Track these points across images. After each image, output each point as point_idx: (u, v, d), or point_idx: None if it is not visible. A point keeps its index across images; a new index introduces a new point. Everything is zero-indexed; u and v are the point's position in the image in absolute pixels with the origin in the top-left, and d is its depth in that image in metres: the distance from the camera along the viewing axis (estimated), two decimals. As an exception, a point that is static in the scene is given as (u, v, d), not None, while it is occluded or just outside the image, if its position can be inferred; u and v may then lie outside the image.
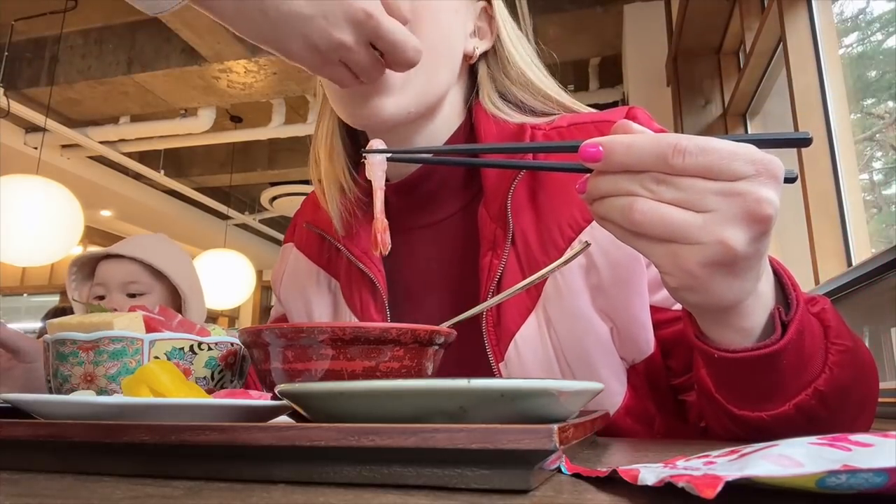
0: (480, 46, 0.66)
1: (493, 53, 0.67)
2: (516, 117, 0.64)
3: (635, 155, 0.36)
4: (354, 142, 0.70)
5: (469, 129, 0.66)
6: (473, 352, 0.58)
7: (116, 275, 1.33)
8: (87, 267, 1.40)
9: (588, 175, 0.40)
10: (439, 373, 0.51)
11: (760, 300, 0.42)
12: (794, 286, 0.44)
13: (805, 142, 0.40)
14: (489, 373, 0.58)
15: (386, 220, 0.52)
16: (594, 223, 0.55)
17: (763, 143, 0.38)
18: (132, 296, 1.33)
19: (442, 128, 0.65)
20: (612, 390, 0.56)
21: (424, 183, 0.65)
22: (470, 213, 0.64)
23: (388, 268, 0.65)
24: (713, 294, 0.39)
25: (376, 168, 0.52)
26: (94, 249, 1.40)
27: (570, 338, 0.56)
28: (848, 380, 0.45)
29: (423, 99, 0.60)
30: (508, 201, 0.59)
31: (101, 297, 1.34)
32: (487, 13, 0.67)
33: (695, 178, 0.36)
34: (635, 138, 0.37)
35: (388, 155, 0.52)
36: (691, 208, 0.36)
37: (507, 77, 0.65)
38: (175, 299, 1.39)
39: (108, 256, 1.36)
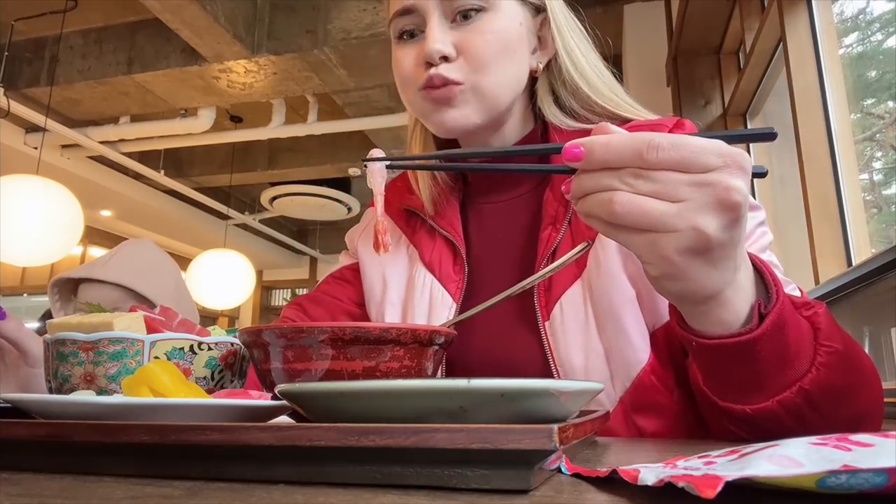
0: (543, 60, 0.71)
1: (552, 63, 0.72)
2: (573, 124, 0.70)
3: (613, 152, 0.39)
4: (447, 143, 0.77)
5: (540, 132, 0.74)
6: (523, 310, 0.66)
7: (99, 300, 1.28)
8: (67, 287, 1.35)
9: (572, 176, 0.43)
10: (488, 324, 0.58)
11: (740, 292, 0.44)
12: (775, 282, 0.46)
13: (770, 136, 0.42)
14: (535, 329, 0.64)
15: (387, 222, 0.56)
16: None
17: (732, 138, 0.41)
18: None
19: (510, 134, 0.72)
20: (638, 347, 0.61)
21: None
22: (537, 195, 0.71)
23: (464, 237, 0.74)
24: (692, 281, 0.42)
25: (376, 175, 0.55)
26: (75, 271, 1.33)
27: (604, 299, 0.62)
28: (839, 382, 0.46)
29: (488, 113, 0.67)
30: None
31: None
32: (547, 23, 0.71)
33: (669, 172, 0.39)
34: (612, 137, 0.40)
35: (388, 163, 0.55)
36: (666, 199, 0.39)
37: (563, 87, 0.71)
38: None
39: (89, 280, 1.30)
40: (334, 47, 3.21)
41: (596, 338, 0.62)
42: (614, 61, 3.52)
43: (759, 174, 0.41)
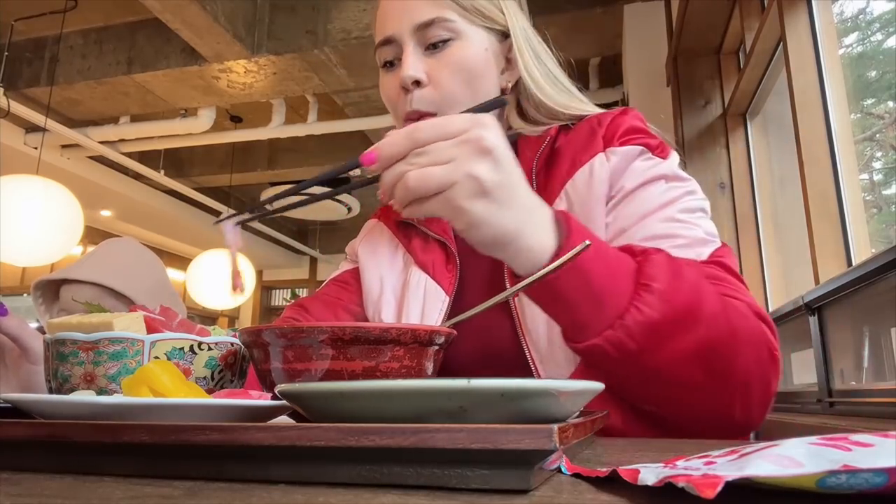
0: (512, 80, 0.79)
1: (518, 82, 0.79)
2: (536, 130, 0.78)
3: (394, 144, 0.50)
4: None
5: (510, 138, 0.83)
6: (494, 285, 0.73)
7: (78, 299, 1.28)
8: (50, 290, 1.35)
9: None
10: (473, 301, 0.63)
11: (538, 234, 0.52)
12: (569, 227, 0.53)
13: (501, 102, 0.56)
14: (504, 304, 0.69)
15: (240, 269, 0.65)
16: (574, 176, 0.71)
17: (476, 109, 0.53)
18: None
19: None
20: None
21: None
22: None
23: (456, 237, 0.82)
24: (490, 224, 0.50)
25: (228, 234, 0.61)
26: (54, 273, 1.33)
27: None
28: (662, 321, 0.52)
29: None
30: (533, 174, 0.75)
31: None
32: (513, 47, 0.78)
33: (436, 143, 0.49)
34: (391, 134, 0.50)
35: (237, 220, 0.62)
36: (441, 163, 0.48)
37: (528, 101, 0.79)
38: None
39: (66, 281, 1.30)
40: (334, 47, 3.21)
41: None
42: (614, 61, 3.52)
43: (500, 104, 0.57)
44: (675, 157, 0.73)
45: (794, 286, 2.08)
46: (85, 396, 0.44)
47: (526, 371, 0.68)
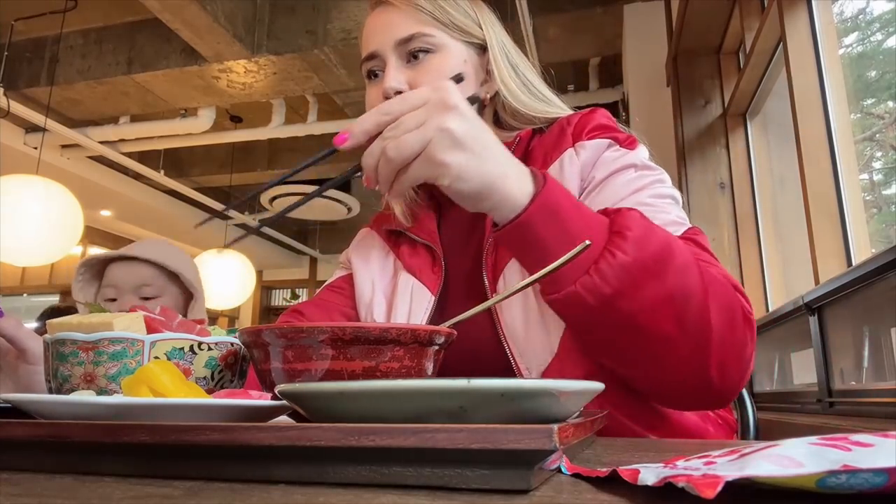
0: (491, 91, 0.82)
1: (497, 93, 0.82)
2: (509, 135, 0.82)
3: (365, 122, 0.54)
4: None
5: None
6: (475, 287, 0.76)
7: (129, 277, 1.32)
8: (94, 268, 1.37)
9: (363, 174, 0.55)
10: (452, 304, 0.71)
11: (515, 186, 0.55)
12: (545, 178, 0.56)
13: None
14: (484, 299, 0.70)
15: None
16: (546, 171, 0.72)
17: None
18: (145, 299, 1.31)
19: None
20: None
21: None
22: None
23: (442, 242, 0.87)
24: (471, 173, 0.53)
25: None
26: (103, 251, 1.37)
27: None
28: (634, 265, 0.54)
29: None
30: None
31: (112, 300, 1.31)
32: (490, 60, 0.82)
33: (407, 114, 0.53)
34: (363, 115, 0.55)
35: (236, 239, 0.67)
36: (415, 128, 0.52)
37: (504, 111, 0.82)
38: (183, 301, 1.38)
39: (119, 258, 1.34)
40: (334, 47, 3.21)
41: (532, 298, 0.71)
42: (614, 61, 3.53)
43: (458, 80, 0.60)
44: (643, 149, 0.75)
45: (793, 286, 2.08)
46: (85, 396, 0.44)
47: (504, 362, 0.70)
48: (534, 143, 0.80)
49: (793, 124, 1.69)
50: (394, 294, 0.83)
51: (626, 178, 0.71)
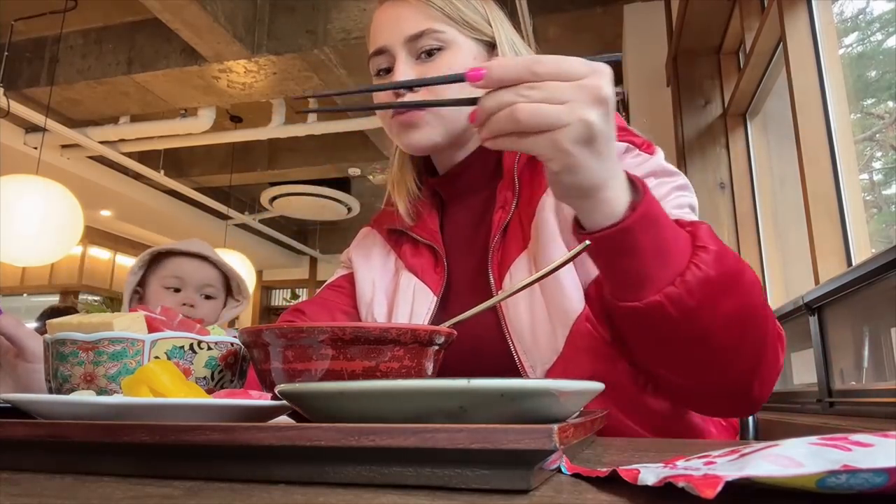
0: None
1: None
2: None
3: (509, 69, 0.48)
4: (424, 160, 0.90)
5: None
6: (480, 283, 0.76)
7: (198, 274, 1.41)
8: (152, 256, 1.44)
9: (477, 107, 0.51)
10: (458, 297, 0.72)
11: (619, 189, 0.54)
12: (644, 187, 0.55)
13: (615, 59, 0.53)
14: (489, 297, 0.71)
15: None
16: None
17: (593, 59, 0.52)
18: (206, 297, 1.41)
19: (472, 146, 0.83)
20: (574, 299, 0.70)
21: (464, 174, 0.84)
22: (494, 192, 0.81)
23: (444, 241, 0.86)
24: (585, 170, 0.51)
25: None
26: (172, 244, 1.45)
27: (544, 262, 0.71)
28: (714, 276, 0.55)
29: (448, 133, 0.78)
30: (515, 173, 0.78)
31: (176, 290, 1.39)
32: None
33: (554, 82, 0.48)
34: (507, 59, 0.50)
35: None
36: (557, 102, 0.48)
37: None
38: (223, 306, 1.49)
39: (186, 254, 1.42)
40: (334, 47, 3.21)
41: (539, 295, 0.71)
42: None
43: (614, 61, 0.53)
44: (660, 153, 0.75)
45: (793, 286, 2.08)
46: (85, 396, 0.44)
47: (509, 360, 0.70)
48: None
49: (793, 124, 1.69)
50: (395, 294, 0.83)
51: None
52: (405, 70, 0.76)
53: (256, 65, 3.38)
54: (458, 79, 0.52)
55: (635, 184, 0.56)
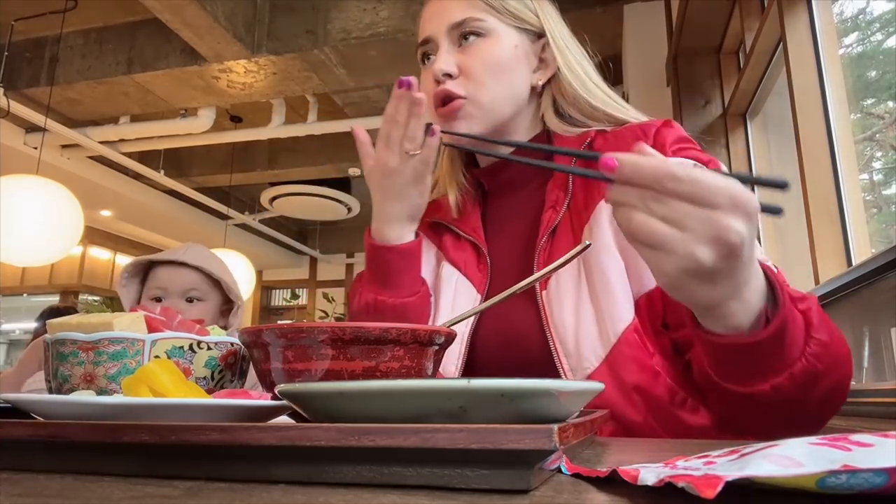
0: (543, 78, 0.82)
1: (553, 79, 0.83)
2: (573, 130, 0.81)
3: (639, 172, 0.44)
4: (468, 154, 0.91)
5: (546, 137, 0.84)
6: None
7: (178, 281, 1.41)
8: (137, 269, 1.46)
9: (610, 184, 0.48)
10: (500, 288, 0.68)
11: (745, 305, 0.49)
12: (782, 288, 0.52)
13: (782, 186, 0.45)
14: (533, 298, 0.73)
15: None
16: None
17: (745, 180, 0.46)
18: (190, 301, 1.42)
19: (517, 139, 0.83)
20: (623, 307, 0.69)
21: (508, 168, 0.84)
22: (541, 190, 0.81)
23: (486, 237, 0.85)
24: (694, 296, 0.48)
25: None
26: (153, 254, 1.46)
27: (596, 267, 0.70)
28: (822, 369, 0.53)
29: (489, 123, 0.78)
30: (570, 177, 0.77)
31: (158, 300, 1.39)
32: (548, 46, 0.82)
33: (682, 202, 0.43)
34: (642, 158, 0.45)
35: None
36: (675, 226, 0.44)
37: (564, 99, 0.82)
38: (224, 309, 1.49)
39: (167, 262, 1.43)
40: (334, 47, 3.21)
41: (587, 300, 0.70)
42: (614, 61, 3.52)
43: (773, 210, 0.45)
44: (724, 169, 0.73)
45: (793, 286, 2.07)
46: (85, 396, 0.44)
47: (550, 365, 0.69)
48: (598, 145, 0.78)
49: (793, 124, 1.69)
50: (437, 284, 0.83)
51: None
52: (446, 57, 0.78)
53: (256, 65, 3.38)
54: (592, 156, 0.49)
55: (770, 281, 0.52)
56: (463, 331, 0.75)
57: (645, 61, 2.97)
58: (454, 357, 0.75)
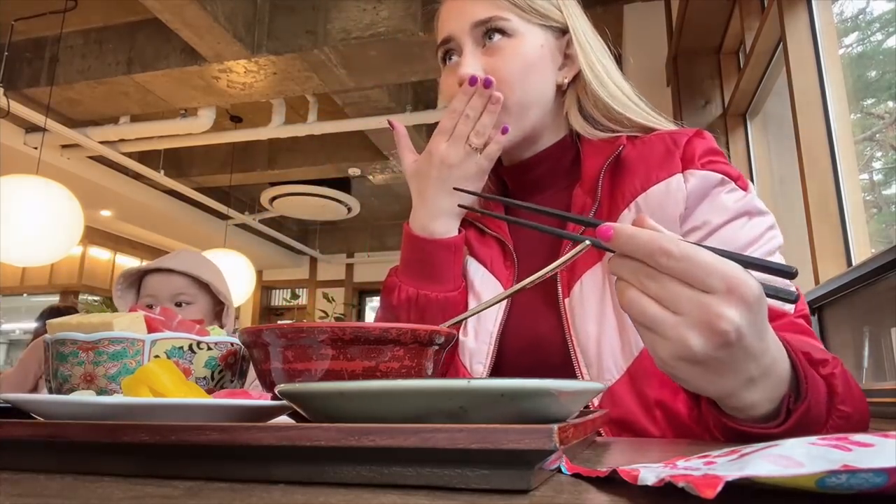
0: (569, 75, 0.80)
1: (577, 77, 0.80)
2: (599, 134, 0.78)
3: (633, 246, 0.42)
4: None
5: (572, 139, 0.82)
6: (546, 289, 0.73)
7: (166, 286, 1.47)
8: (131, 279, 1.52)
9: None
10: (518, 303, 0.70)
11: (761, 397, 0.46)
12: (807, 378, 0.48)
13: (789, 274, 0.43)
14: (555, 305, 0.72)
15: None
16: (648, 191, 0.70)
17: (749, 265, 0.43)
18: (179, 304, 1.47)
19: (546, 141, 0.81)
20: None
21: (534, 168, 0.82)
22: (567, 193, 0.79)
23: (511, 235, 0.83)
24: (694, 384, 0.44)
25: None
26: (142, 264, 1.53)
27: None
28: (853, 417, 0.50)
29: (520, 131, 0.76)
30: (600, 180, 0.74)
31: (150, 307, 1.43)
32: (572, 43, 0.79)
33: (675, 281, 0.41)
34: (638, 231, 0.42)
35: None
36: (668, 307, 0.41)
37: (587, 98, 0.79)
38: (216, 310, 1.55)
39: (156, 270, 1.49)
40: (334, 47, 3.21)
41: (611, 311, 0.68)
42: (614, 61, 3.52)
43: (786, 299, 0.44)
44: (753, 189, 0.72)
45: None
46: (85, 396, 0.44)
47: (571, 372, 0.68)
48: (628, 151, 0.76)
49: (793, 124, 1.69)
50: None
51: (739, 227, 0.68)
52: (471, 60, 0.75)
53: (256, 65, 3.38)
54: (592, 224, 0.48)
55: (794, 367, 0.48)
56: (491, 331, 0.74)
57: (645, 61, 2.97)
58: (482, 356, 0.73)
